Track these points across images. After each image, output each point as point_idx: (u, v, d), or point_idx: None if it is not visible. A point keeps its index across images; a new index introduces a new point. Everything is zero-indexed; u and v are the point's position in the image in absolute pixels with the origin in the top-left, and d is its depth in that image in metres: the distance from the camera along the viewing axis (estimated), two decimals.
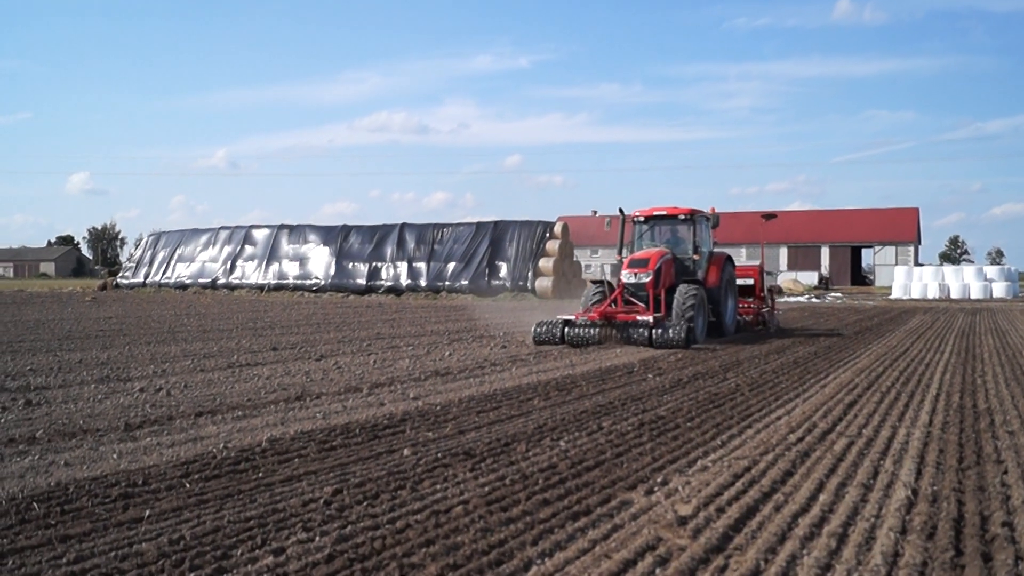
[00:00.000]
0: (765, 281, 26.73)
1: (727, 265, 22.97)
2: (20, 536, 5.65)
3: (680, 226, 22.89)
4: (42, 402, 11.04)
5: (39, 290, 64.53)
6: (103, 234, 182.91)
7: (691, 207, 22.51)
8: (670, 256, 21.56)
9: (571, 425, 9.65)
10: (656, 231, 23.30)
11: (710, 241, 23.07)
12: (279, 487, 6.93)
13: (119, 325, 25.77)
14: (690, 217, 22.37)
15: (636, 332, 19.07)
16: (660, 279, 20.63)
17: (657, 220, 23.14)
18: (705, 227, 22.80)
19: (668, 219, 22.94)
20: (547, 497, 6.62)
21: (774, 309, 26.28)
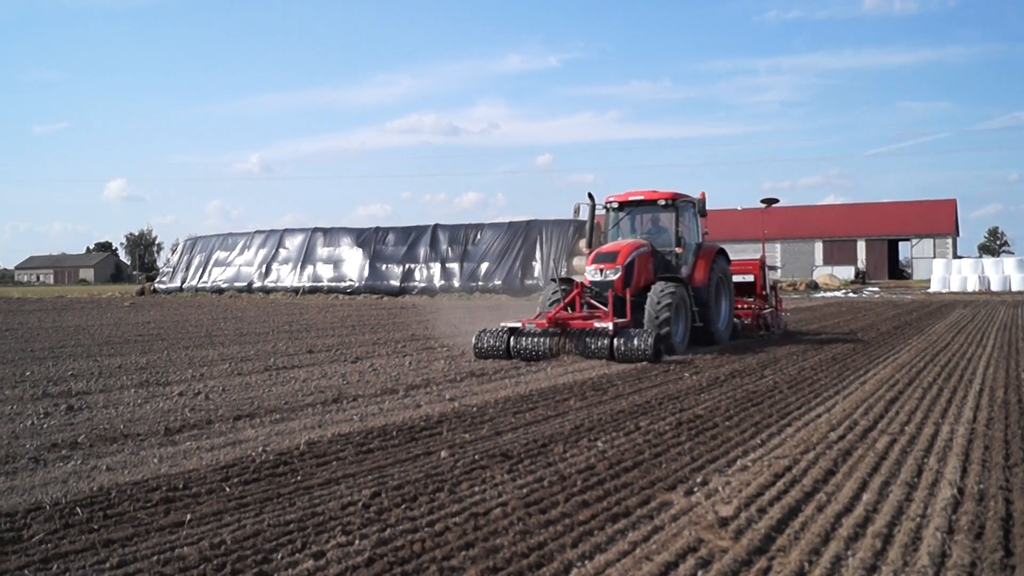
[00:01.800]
0: (768, 277, 23.32)
1: (718, 260, 19.75)
2: (64, 541, 5.69)
3: (661, 213, 19.80)
4: (84, 407, 11.15)
5: (79, 296, 65.26)
6: (140, 240, 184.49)
7: (673, 191, 19.33)
8: (647, 249, 18.60)
9: (608, 425, 9.61)
10: (634, 220, 20.22)
11: (698, 231, 19.97)
12: (318, 490, 6.94)
13: (157, 330, 26.00)
14: (672, 203, 19.06)
15: (594, 342, 15.91)
16: (632, 277, 17.77)
17: (633, 207, 19.92)
18: (691, 214, 19.66)
19: (646, 205, 19.73)
20: (586, 499, 6.58)
21: (779, 309, 23.32)
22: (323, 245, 57.04)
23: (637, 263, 18.00)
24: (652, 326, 16.66)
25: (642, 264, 18.23)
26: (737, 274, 22.21)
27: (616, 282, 17.41)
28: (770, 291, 23.03)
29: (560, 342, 16.33)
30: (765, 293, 22.81)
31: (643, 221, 20.28)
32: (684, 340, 17.55)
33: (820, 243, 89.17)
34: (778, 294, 23.83)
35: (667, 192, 19.20)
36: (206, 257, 62.00)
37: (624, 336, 15.71)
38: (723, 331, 19.58)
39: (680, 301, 17.35)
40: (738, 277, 22.29)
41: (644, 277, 18.16)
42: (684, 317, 17.60)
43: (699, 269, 19.16)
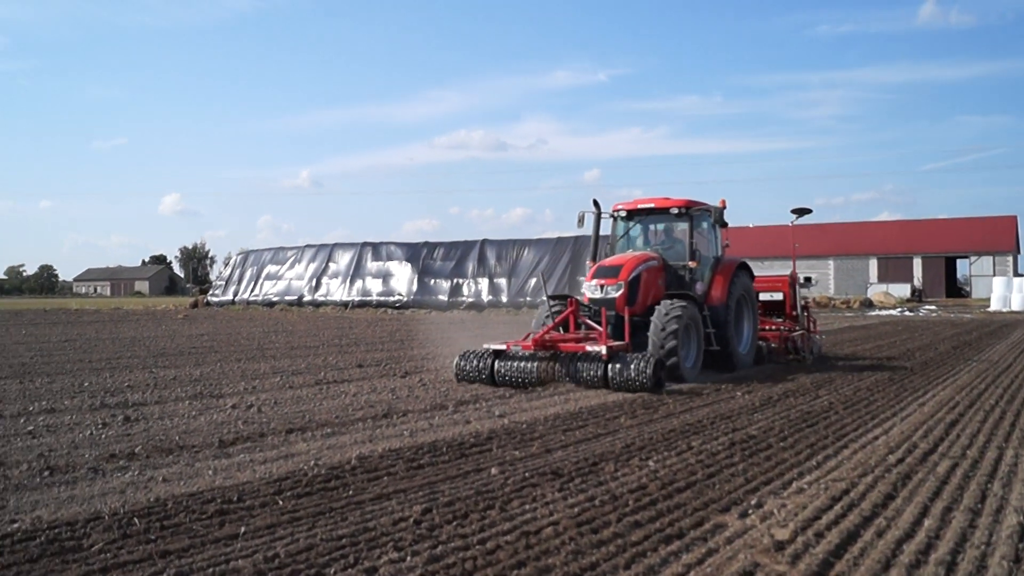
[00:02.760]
0: (798, 295, 21.09)
1: (739, 275, 17.82)
2: (123, 551, 5.76)
3: (674, 223, 17.99)
4: (140, 418, 11.31)
5: (134, 308, 66.26)
6: (194, 253, 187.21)
7: (688, 198, 17.52)
8: (657, 263, 16.82)
9: (659, 444, 9.53)
10: (646, 231, 18.48)
11: (716, 243, 18.09)
12: (369, 505, 6.96)
13: (210, 342, 26.30)
14: (685, 211, 17.24)
15: (586, 368, 14.13)
16: (637, 294, 16.03)
17: (643, 216, 18.11)
18: (708, 225, 17.86)
19: (657, 214, 17.87)
20: (638, 519, 6.53)
21: (812, 331, 21.04)
22: (372, 260, 57.35)
23: (644, 279, 16.25)
24: (656, 350, 14.87)
25: (650, 280, 16.46)
26: (764, 291, 20.69)
27: (618, 300, 15.78)
28: (801, 311, 20.84)
29: (549, 367, 14.66)
30: (795, 313, 20.77)
31: (656, 232, 18.51)
32: (695, 366, 15.71)
33: (875, 260, 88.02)
34: (811, 314, 21.55)
35: (680, 199, 17.45)
36: (258, 271, 62.63)
37: (620, 361, 13.83)
38: (745, 356, 17.63)
39: (690, 321, 15.51)
40: (765, 295, 20.75)
41: (652, 295, 16.38)
42: (696, 340, 15.81)
43: (716, 285, 17.22)
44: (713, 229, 18.01)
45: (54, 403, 12.73)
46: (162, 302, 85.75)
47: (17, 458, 8.79)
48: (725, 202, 17.92)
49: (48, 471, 8.16)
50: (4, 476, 8.01)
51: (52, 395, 13.66)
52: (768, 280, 21.36)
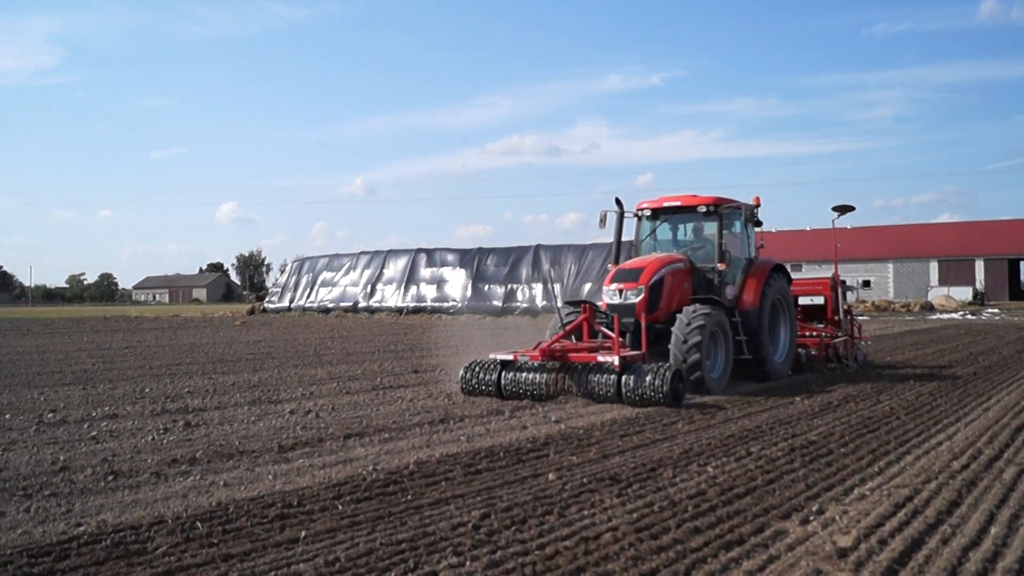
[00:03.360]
0: (841, 299, 19.77)
1: (774, 278, 16.69)
2: (186, 554, 5.84)
3: (702, 223, 16.83)
4: (200, 423, 11.46)
5: (192, 315, 67.20)
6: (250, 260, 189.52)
7: (717, 195, 16.39)
8: (682, 266, 15.72)
9: (718, 450, 9.45)
10: (675, 231, 17.39)
11: (749, 244, 16.98)
12: (428, 510, 6.98)
13: (268, 348, 26.60)
14: (714, 209, 16.13)
15: (598, 380, 13.03)
16: (659, 299, 14.94)
17: (669, 214, 16.98)
18: (740, 224, 16.81)
19: (684, 213, 16.74)
20: (698, 525, 6.48)
21: (855, 337, 19.85)
22: (426, 266, 57.62)
23: (667, 283, 15.16)
24: (678, 360, 13.85)
25: (674, 284, 15.37)
26: (803, 295, 19.55)
27: (638, 305, 14.62)
28: (844, 315, 19.61)
29: (559, 378, 13.56)
30: (838, 318, 19.55)
31: (685, 232, 17.33)
32: (723, 376, 14.67)
33: (935, 263, 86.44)
34: (854, 319, 20.23)
35: (708, 197, 16.32)
36: (313, 277, 63.22)
37: (635, 373, 12.76)
38: (781, 364, 16.63)
39: (717, 327, 14.51)
40: (805, 299, 19.60)
41: (677, 300, 15.28)
42: (723, 348, 14.81)
43: (748, 289, 16.15)
44: (745, 229, 16.92)
45: (116, 409, 12.96)
46: (219, 309, 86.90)
47: (82, 463, 8.95)
48: (759, 200, 16.94)
49: (112, 475, 8.30)
50: (69, 480, 8.17)
51: (114, 401, 13.90)
52: (807, 283, 20.23)
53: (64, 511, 7.07)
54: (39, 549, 5.95)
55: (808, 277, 20.79)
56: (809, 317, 19.77)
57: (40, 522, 6.71)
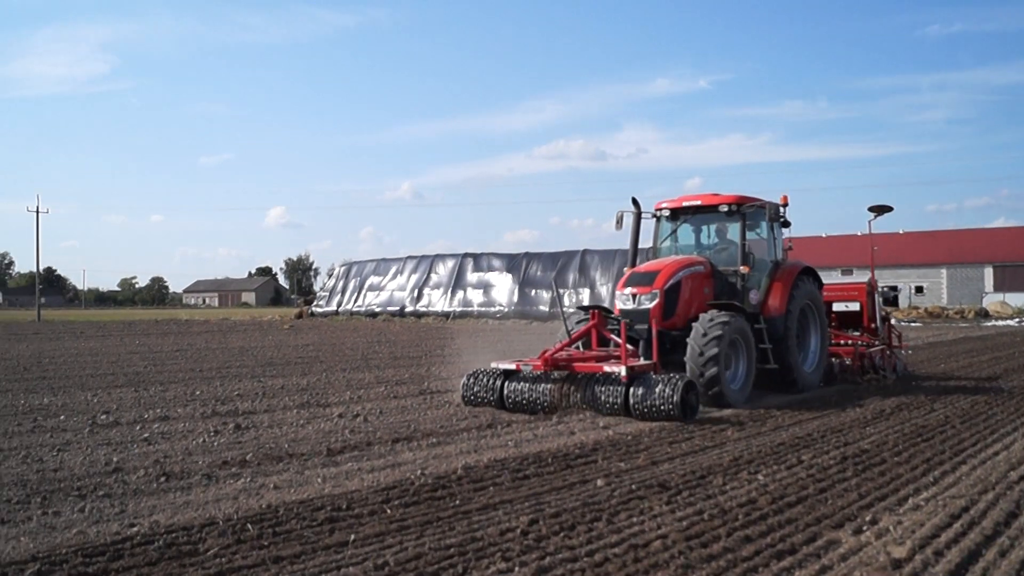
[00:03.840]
0: (878, 305, 18.79)
1: (802, 282, 15.72)
2: (237, 556, 5.88)
3: (724, 224, 16.00)
4: (250, 426, 11.56)
5: (241, 319, 67.93)
6: (298, 265, 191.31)
7: (740, 194, 15.49)
8: (702, 269, 14.89)
9: (768, 458, 9.35)
10: (698, 232, 16.42)
11: (776, 246, 15.82)
12: (476, 515, 6.97)
13: (315, 352, 26.79)
14: (736, 208, 15.27)
15: (604, 392, 12.26)
16: (676, 304, 14.14)
17: (689, 214, 16.10)
18: (764, 224, 15.73)
19: (705, 212, 15.90)
20: (748, 534, 6.41)
21: (893, 345, 18.80)
22: (473, 270, 57.80)
23: (684, 287, 14.32)
24: (694, 370, 13.03)
25: (693, 288, 14.52)
26: (838, 301, 18.61)
27: (652, 311, 13.79)
28: (881, 322, 18.65)
29: (564, 390, 12.66)
30: (874, 326, 18.51)
31: (708, 234, 16.40)
32: (744, 388, 13.79)
33: (990, 268, 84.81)
34: (891, 326, 19.23)
35: (730, 196, 15.43)
36: (360, 282, 63.67)
37: (644, 384, 11.97)
38: (810, 375, 15.65)
39: (737, 335, 13.62)
40: (839, 305, 18.62)
41: (696, 305, 14.44)
42: (745, 357, 13.93)
43: (774, 294, 15.15)
44: (772, 229, 15.79)
45: (168, 411, 13.11)
46: (268, 313, 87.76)
47: (134, 464, 9.06)
48: (787, 198, 15.94)
49: (164, 477, 8.39)
50: (123, 481, 8.27)
51: (165, 403, 14.07)
52: (842, 288, 19.13)
53: (118, 511, 7.15)
54: (93, 549, 6.02)
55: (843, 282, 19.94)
56: (844, 325, 18.74)
57: (94, 522, 6.79)
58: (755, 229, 15.71)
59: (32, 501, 7.47)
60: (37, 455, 9.67)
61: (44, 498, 7.60)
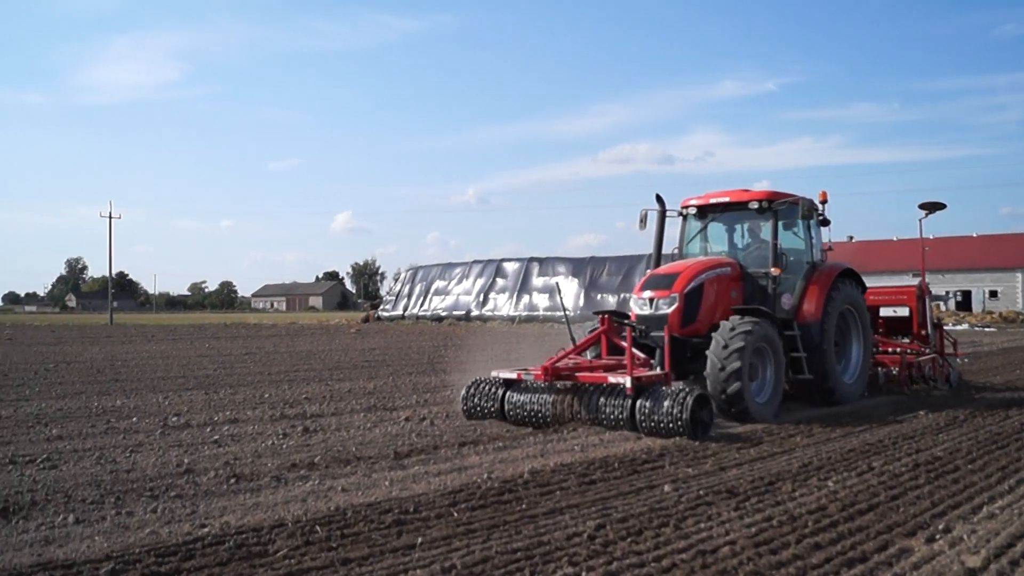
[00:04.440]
0: (929, 310, 17.39)
1: (841, 285, 14.59)
2: (306, 557, 5.95)
3: (757, 222, 14.88)
4: (318, 429, 11.70)
5: (308, 323, 68.73)
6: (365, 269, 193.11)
7: (772, 189, 14.43)
8: (728, 271, 13.89)
9: (838, 464, 9.22)
10: (731, 232, 15.41)
11: (812, 246, 14.73)
12: (543, 519, 6.96)
13: (382, 356, 27.02)
14: (767, 205, 14.10)
15: (609, 405, 11.35)
16: (698, 309, 13.19)
17: (718, 212, 15.03)
18: (798, 222, 14.62)
19: (734, 210, 14.79)
20: (818, 541, 6.32)
21: (945, 353, 17.41)
22: (538, 275, 57.82)
23: (708, 290, 13.37)
24: (716, 389, 11.99)
25: (717, 291, 13.54)
26: (885, 306, 17.41)
27: (670, 316, 12.90)
28: (933, 329, 17.26)
29: (567, 402, 11.76)
30: (925, 332, 17.14)
31: (741, 233, 15.35)
32: (771, 401, 12.66)
33: None
34: (943, 332, 17.76)
35: (761, 192, 14.40)
36: (426, 286, 64.08)
37: (652, 397, 11.02)
38: (851, 386, 14.54)
39: (763, 343, 12.58)
40: (887, 310, 17.39)
41: (721, 310, 13.41)
42: (772, 367, 12.86)
43: (809, 298, 14.05)
44: (808, 228, 14.74)
45: (237, 413, 13.32)
46: (335, 317, 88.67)
47: (205, 466, 9.22)
48: (826, 195, 14.90)
49: (234, 479, 8.52)
50: (194, 483, 8.41)
51: (235, 406, 14.30)
52: (889, 292, 17.85)
53: (189, 512, 7.28)
54: (166, 549, 6.13)
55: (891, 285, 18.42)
56: (892, 331, 17.52)
57: (166, 522, 6.92)
58: (791, 228, 14.66)
59: (106, 501, 7.64)
60: (110, 456, 9.90)
61: (118, 498, 7.76)
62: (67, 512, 7.15)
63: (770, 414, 12.43)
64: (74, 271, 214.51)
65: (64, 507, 7.34)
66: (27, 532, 6.61)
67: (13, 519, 7.00)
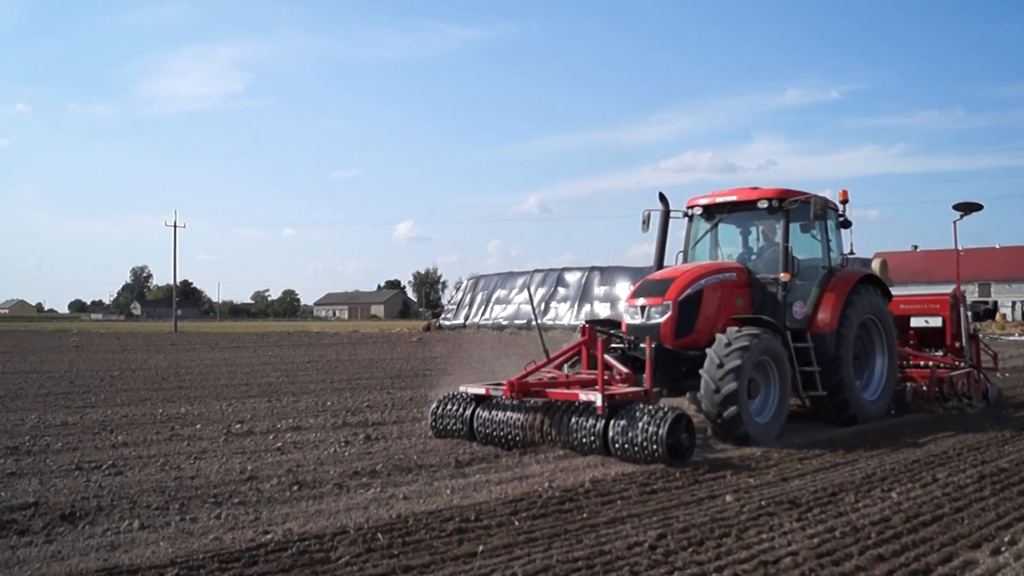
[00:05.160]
0: (965, 321, 15.95)
1: (860, 293, 13.31)
2: (368, 564, 6.02)
3: (768, 223, 13.67)
4: (379, 437, 11.82)
5: (370, 331, 69.23)
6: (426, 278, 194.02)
7: (783, 187, 13.33)
8: (734, 276, 12.78)
9: (902, 475, 9.11)
10: (741, 235, 14.30)
11: (829, 249, 13.53)
12: (604, 528, 6.98)
13: (443, 365, 27.16)
14: (777, 204, 13.00)
15: (580, 426, 10.13)
16: (695, 318, 12.07)
17: (725, 212, 13.89)
18: (814, 223, 13.33)
19: (742, 210, 13.66)
20: (882, 553, 6.26)
21: (982, 367, 16.12)
22: (600, 284, 57.65)
23: (708, 297, 12.25)
24: (710, 413, 10.98)
25: (721, 299, 12.42)
26: (916, 315, 16.15)
27: (663, 326, 11.88)
28: (968, 341, 15.83)
29: (538, 421, 10.58)
30: (959, 344, 15.75)
31: (756, 236, 14.16)
32: (774, 421, 11.48)
33: None
34: (979, 345, 16.42)
35: (771, 189, 13.29)
36: (487, 295, 64.21)
37: (627, 417, 9.79)
38: (873, 403, 13.36)
39: (766, 356, 11.39)
40: (918, 320, 16.12)
41: (723, 319, 12.20)
42: (777, 384, 11.61)
43: (824, 306, 12.86)
44: (826, 230, 13.56)
45: (300, 421, 13.50)
46: (396, 325, 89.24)
47: (268, 473, 9.37)
48: (847, 194, 14.02)
49: (297, 486, 8.64)
50: (257, 489, 8.55)
51: (298, 413, 14.49)
52: (920, 300, 16.40)
53: (252, 519, 7.40)
54: (229, 555, 6.23)
55: (923, 293, 16.85)
56: (925, 343, 16.21)
57: (230, 529, 7.04)
58: (809, 230, 13.54)
59: (170, 507, 7.78)
60: (175, 463, 10.09)
61: (182, 504, 7.90)
62: (132, 518, 7.30)
63: (772, 436, 11.30)
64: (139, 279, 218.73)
65: (129, 513, 7.49)
66: (93, 537, 6.76)
67: (80, 524, 7.16)
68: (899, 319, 15.19)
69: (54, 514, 7.38)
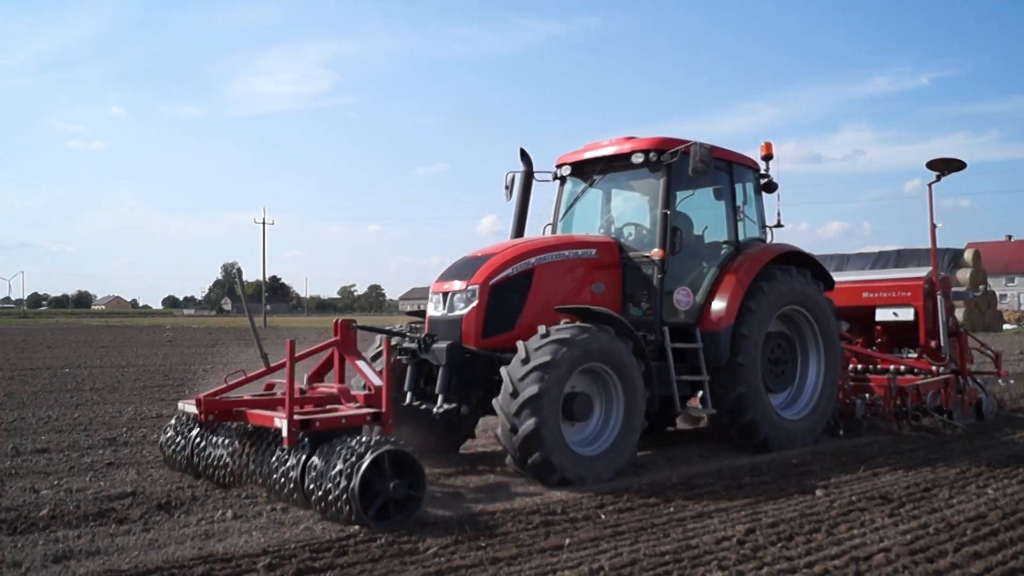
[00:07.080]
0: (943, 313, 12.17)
1: (779, 277, 10.35)
2: (455, 556, 6.07)
3: (647, 183, 10.34)
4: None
5: None
6: None
7: (664, 136, 10.11)
8: (592, 253, 9.77)
9: (999, 471, 8.89)
10: (621, 201, 11.17)
11: (738, 218, 10.62)
12: (691, 523, 6.94)
13: None
14: (655, 157, 9.90)
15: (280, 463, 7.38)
16: (518, 310, 9.10)
17: (600, 172, 10.70)
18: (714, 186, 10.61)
19: (617, 168, 10.50)
20: (977, 550, 6.12)
21: (967, 373, 12.38)
22: None
23: (539, 281, 9.26)
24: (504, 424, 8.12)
25: (564, 283, 9.47)
26: (883, 306, 12.68)
27: (465, 319, 8.97)
28: (947, 339, 12.17)
29: (241, 452, 7.90)
30: (937, 344, 12.21)
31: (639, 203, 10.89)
32: (611, 455, 8.47)
33: None
34: (965, 345, 12.52)
35: (647, 139, 10.16)
36: None
37: (325, 453, 6.99)
38: (797, 423, 10.43)
39: (598, 362, 8.41)
40: (884, 311, 12.63)
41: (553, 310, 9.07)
42: (619, 401, 8.60)
43: (721, 294, 9.93)
44: (731, 192, 10.62)
45: None
46: None
47: None
48: (771, 147, 11.22)
49: None
50: None
51: None
52: (885, 286, 12.82)
53: None
54: (320, 545, 6.29)
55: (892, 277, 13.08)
56: (897, 342, 12.99)
57: (320, 519, 7.13)
58: (724, 197, 10.64)
59: (262, 497, 7.87)
60: None
61: None
62: (225, 508, 7.41)
63: (609, 472, 8.41)
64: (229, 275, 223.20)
65: (222, 503, 7.61)
66: (188, 526, 6.89)
67: (175, 513, 7.31)
68: (861, 311, 12.76)
69: (151, 503, 7.55)
